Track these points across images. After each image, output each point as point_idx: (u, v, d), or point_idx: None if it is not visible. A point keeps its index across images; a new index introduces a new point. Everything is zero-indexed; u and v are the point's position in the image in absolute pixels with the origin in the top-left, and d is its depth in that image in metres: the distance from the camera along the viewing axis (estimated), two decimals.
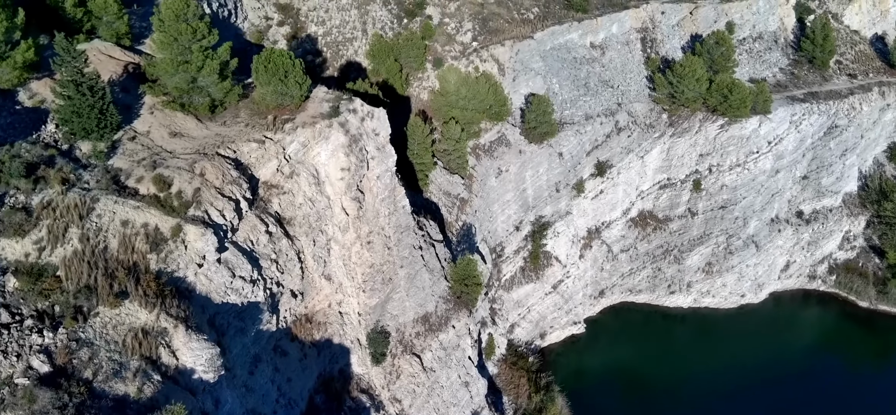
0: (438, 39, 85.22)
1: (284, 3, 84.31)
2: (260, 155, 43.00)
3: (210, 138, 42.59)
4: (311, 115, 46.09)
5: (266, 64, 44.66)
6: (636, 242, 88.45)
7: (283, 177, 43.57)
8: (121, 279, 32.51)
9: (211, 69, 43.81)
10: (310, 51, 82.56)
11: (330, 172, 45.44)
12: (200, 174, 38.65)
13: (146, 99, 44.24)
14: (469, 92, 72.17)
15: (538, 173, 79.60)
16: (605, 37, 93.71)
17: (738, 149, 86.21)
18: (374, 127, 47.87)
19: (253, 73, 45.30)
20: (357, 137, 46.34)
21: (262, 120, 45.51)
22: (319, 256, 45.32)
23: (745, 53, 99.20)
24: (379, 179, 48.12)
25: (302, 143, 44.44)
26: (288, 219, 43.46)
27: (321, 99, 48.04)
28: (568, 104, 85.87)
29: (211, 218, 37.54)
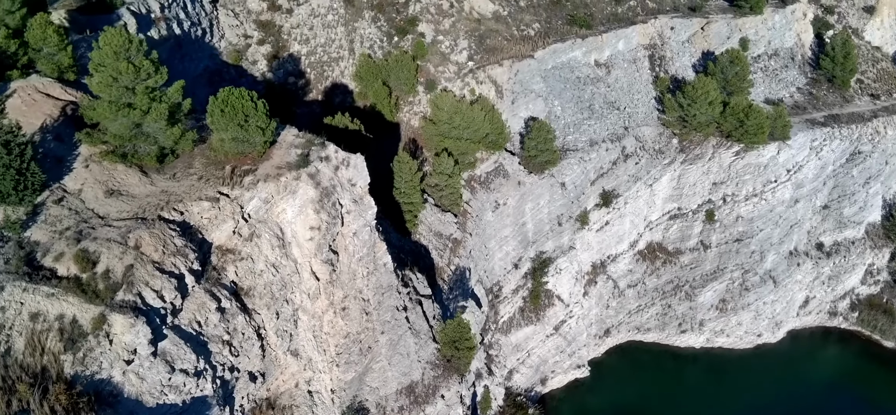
0: (431, 59, 78.97)
1: (265, 20, 78.10)
2: (213, 215, 36.76)
3: (154, 197, 36.35)
4: (277, 164, 39.84)
5: (222, 107, 38.42)
6: (644, 276, 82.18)
7: (240, 240, 37.35)
8: (22, 394, 26.31)
9: (158, 114, 37.57)
10: (292, 72, 76.42)
11: (297, 232, 39.20)
12: (135, 246, 32.39)
13: (82, 149, 38.02)
14: (463, 120, 65.92)
15: (539, 206, 73.37)
16: (611, 54, 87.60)
17: (754, 178, 79.92)
18: (349, 177, 41.63)
19: (208, 118, 39.07)
20: (329, 189, 40.09)
21: (218, 172, 39.25)
22: (284, 330, 39.09)
23: (760, 72, 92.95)
24: (356, 235, 41.89)
25: (264, 199, 38.21)
26: (246, 289, 37.23)
27: (289, 144, 41.78)
28: (571, 129, 79.65)
29: (145, 302, 31.30)
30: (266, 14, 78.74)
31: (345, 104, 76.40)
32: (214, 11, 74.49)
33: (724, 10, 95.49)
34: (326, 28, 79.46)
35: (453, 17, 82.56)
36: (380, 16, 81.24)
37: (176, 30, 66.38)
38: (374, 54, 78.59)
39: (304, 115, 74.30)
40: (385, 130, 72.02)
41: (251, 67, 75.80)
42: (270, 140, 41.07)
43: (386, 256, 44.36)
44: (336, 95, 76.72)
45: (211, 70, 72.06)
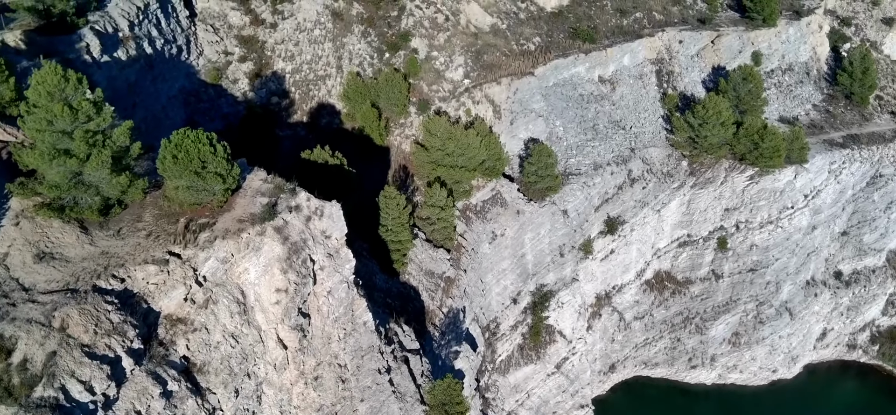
0: (425, 77, 73.99)
1: (247, 36, 73.18)
2: (161, 281, 31.77)
3: (91, 260, 31.36)
4: (239, 216, 34.84)
5: (175, 153, 33.40)
6: (652, 307, 77.14)
7: (193, 308, 32.35)
8: None
9: (100, 161, 32.58)
10: (275, 91, 71.52)
11: (261, 295, 34.22)
12: (61, 327, 27.41)
13: (13, 202, 33.05)
14: (458, 146, 60.93)
15: (539, 236, 68.32)
16: (616, 70, 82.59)
17: (770, 204, 74.85)
18: (323, 228, 36.64)
19: (158, 164, 34.07)
20: (299, 244, 35.10)
21: (171, 226, 34.25)
22: (245, 409, 34.10)
23: (774, 87, 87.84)
24: (331, 294, 36.91)
25: (222, 259, 33.22)
26: (199, 365, 32.23)
27: (255, 191, 36.78)
28: (574, 151, 74.62)
29: (69, 397, 26.32)
30: (248, 29, 73.86)
31: (331, 126, 71.52)
32: (192, 27, 69.57)
33: (736, 22, 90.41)
34: (313, 44, 74.57)
35: (449, 32, 77.60)
36: (370, 30, 76.33)
37: (147, 49, 61.42)
38: (363, 72, 73.68)
39: (287, 138, 69.43)
40: (373, 154, 67.08)
41: (231, 86, 70.91)
42: (233, 187, 36.05)
43: (366, 314, 39.36)
44: (322, 116, 71.84)
45: (187, 91, 67.15)
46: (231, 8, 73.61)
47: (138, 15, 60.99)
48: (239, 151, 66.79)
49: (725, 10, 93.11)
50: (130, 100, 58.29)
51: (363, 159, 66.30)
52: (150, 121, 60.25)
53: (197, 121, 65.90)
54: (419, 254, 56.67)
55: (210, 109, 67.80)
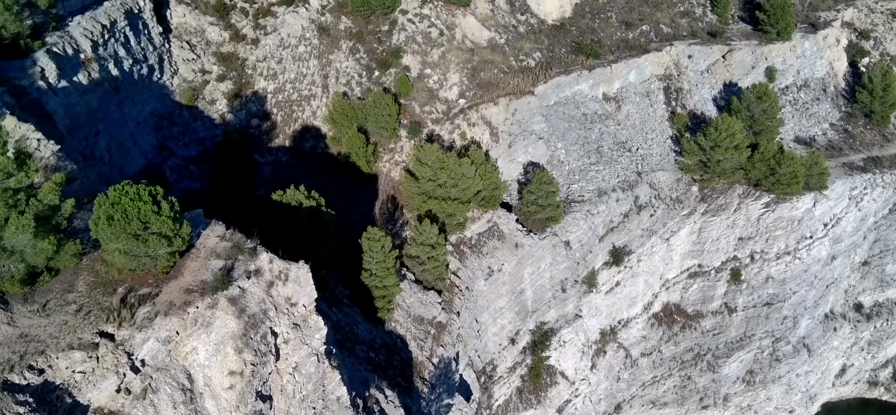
0: (417, 97, 69.06)
1: (227, 53, 68.27)
2: (90, 368, 26.84)
3: (6, 346, 26.40)
4: (187, 285, 29.87)
5: (110, 214, 28.39)
6: (661, 343, 72.13)
7: (129, 399, 27.39)
8: None
9: (21, 225, 27.65)
10: (256, 112, 66.56)
11: (212, 379, 29.24)
12: None
13: None
14: (451, 177, 55.96)
15: (539, 270, 63.33)
16: (621, 87, 77.72)
17: (787, 233, 69.81)
18: (288, 295, 31.66)
19: (91, 227, 29.05)
20: (259, 317, 30.14)
21: (106, 297, 29.28)
22: None
23: (789, 105, 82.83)
24: (297, 370, 31.93)
25: (165, 339, 28.26)
26: None
27: (209, 252, 31.80)
28: (576, 175, 69.63)
29: None
30: (228, 45, 68.98)
31: (316, 150, 66.57)
32: (165, 44, 64.70)
33: (748, 36, 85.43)
34: (297, 61, 69.67)
35: (443, 47, 72.67)
36: (359, 46, 71.39)
37: (113, 70, 56.53)
38: (350, 92, 68.75)
39: (267, 164, 64.50)
40: (360, 182, 62.08)
41: (208, 108, 65.98)
42: (182, 249, 31.05)
43: (340, 388, 34.36)
44: (306, 140, 66.89)
45: (159, 114, 62.21)
46: (209, 23, 68.76)
47: (104, 34, 56.09)
48: (215, 178, 62.38)
49: (736, 22, 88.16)
50: (92, 127, 53.41)
51: (349, 188, 61.43)
52: (115, 149, 55.40)
53: (169, 147, 61.00)
54: (407, 298, 51.67)
55: (184, 133, 62.86)
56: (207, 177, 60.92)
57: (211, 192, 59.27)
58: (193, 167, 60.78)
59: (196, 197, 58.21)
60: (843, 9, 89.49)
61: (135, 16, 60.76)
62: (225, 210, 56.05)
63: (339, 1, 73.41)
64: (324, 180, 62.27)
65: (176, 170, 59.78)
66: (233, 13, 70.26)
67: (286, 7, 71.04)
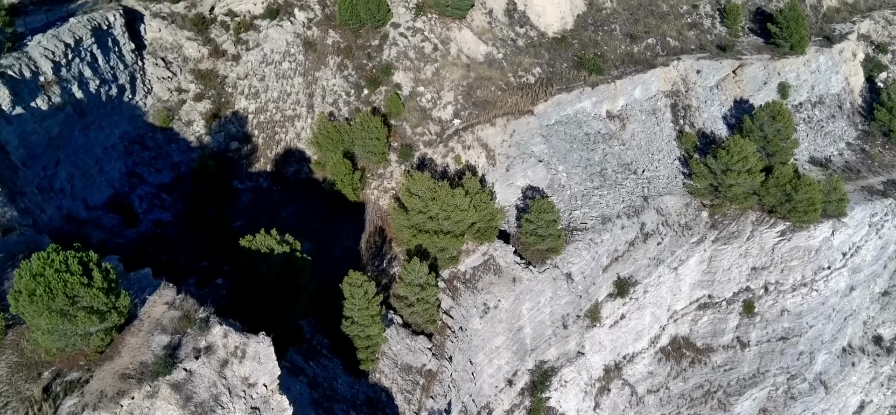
0: (408, 117, 64.66)
1: (205, 70, 63.97)
2: None
3: None
4: (123, 369, 25.50)
5: (32, 288, 24.00)
6: (668, 379, 67.68)
7: None
8: None
9: None
10: (235, 135, 62.23)
11: None
12: None
13: None
14: (443, 208, 51.53)
15: (539, 305, 58.92)
16: (626, 104, 73.45)
17: (804, 264, 65.39)
18: (246, 375, 27.28)
19: (11, 302, 24.68)
20: (208, 405, 25.77)
21: (29, 384, 24.89)
22: None
23: (803, 123, 78.47)
24: None
25: None
26: None
27: (154, 324, 27.41)
28: (578, 201, 65.23)
29: None
30: (207, 62, 64.67)
31: (300, 175, 62.20)
32: (139, 62, 60.39)
33: (759, 49, 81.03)
34: (281, 79, 65.30)
35: (437, 63, 68.33)
36: (347, 62, 67.02)
37: (77, 93, 52.20)
38: (337, 112, 64.37)
39: (247, 190, 60.12)
40: (346, 212, 57.68)
41: (184, 130, 61.64)
42: (120, 323, 26.65)
43: None
44: (289, 164, 62.55)
45: (130, 137, 57.90)
46: (187, 38, 64.41)
47: (67, 53, 51.78)
48: (189, 206, 57.99)
49: (747, 34, 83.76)
50: (51, 157, 49.05)
51: (333, 219, 57.06)
52: (78, 179, 51.05)
53: (139, 173, 56.63)
54: (394, 344, 47.25)
55: (156, 157, 58.49)
56: (180, 205, 56.57)
57: (183, 222, 54.96)
58: (165, 195, 56.42)
59: (167, 229, 53.89)
60: (859, 21, 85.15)
61: (104, 32, 56.48)
62: (195, 246, 51.97)
63: (327, 13, 69.08)
64: (306, 209, 58.07)
65: (146, 199, 55.40)
66: (212, 27, 65.93)
67: (270, 20, 66.73)
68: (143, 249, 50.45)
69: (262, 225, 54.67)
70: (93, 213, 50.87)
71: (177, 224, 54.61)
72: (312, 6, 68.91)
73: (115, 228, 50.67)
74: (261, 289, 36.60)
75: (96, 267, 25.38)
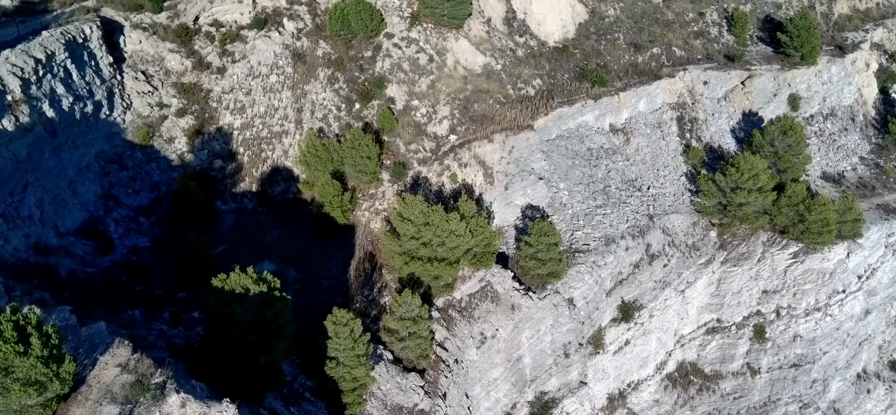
0: (402, 133, 61.56)
1: (188, 84, 60.95)
2: None
3: None
4: None
5: None
6: (675, 408, 64.51)
7: None
8: None
9: None
10: (220, 152, 59.19)
11: None
12: None
13: None
14: (436, 234, 48.41)
15: (539, 334, 55.78)
16: (631, 117, 70.42)
17: (817, 287, 62.24)
18: None
19: None
20: None
21: None
22: None
23: (814, 137, 75.30)
24: None
25: None
26: None
27: (103, 391, 24.33)
28: (581, 220, 62.11)
29: None
30: (190, 75, 61.59)
31: (287, 195, 59.11)
32: (117, 76, 57.33)
33: (768, 59, 77.84)
34: (268, 93, 62.24)
35: (433, 75, 65.21)
36: (338, 75, 63.90)
37: (47, 111, 49.18)
38: (327, 127, 61.26)
39: (231, 212, 57.01)
40: (334, 235, 54.53)
41: (166, 147, 58.59)
42: (64, 391, 23.52)
43: None
44: (276, 183, 59.43)
45: (107, 157, 54.82)
46: (169, 50, 61.37)
47: (38, 70, 48.77)
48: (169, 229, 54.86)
49: (756, 43, 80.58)
50: (19, 181, 46.04)
51: (321, 244, 53.96)
52: (48, 204, 47.96)
53: (115, 195, 53.53)
54: (383, 383, 44.09)
55: (135, 178, 55.42)
56: (159, 229, 53.49)
57: (162, 248, 51.88)
58: (143, 219, 53.31)
59: (144, 256, 50.80)
60: (872, 29, 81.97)
61: (79, 45, 53.43)
62: (173, 274, 48.87)
63: (318, 23, 66.00)
64: (293, 233, 54.99)
65: (122, 223, 52.28)
66: (196, 38, 62.87)
67: (257, 31, 63.68)
68: (116, 279, 47.48)
69: (245, 250, 52.56)
70: (64, 240, 47.77)
71: (154, 250, 51.54)
72: (302, 16, 65.86)
73: (87, 257, 47.59)
74: (235, 334, 33.45)
75: (35, 332, 22.26)
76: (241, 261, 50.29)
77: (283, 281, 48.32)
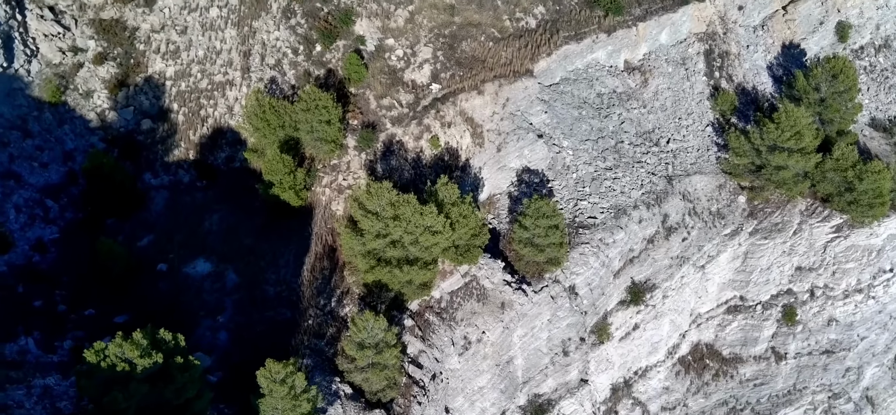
0: (373, 84, 50.73)
1: (109, 20, 50.02)
2: None
3: None
4: None
5: None
6: (687, 396, 56.84)
7: None
8: None
9: None
10: (148, 111, 48.71)
11: None
12: None
13: None
14: (409, 231, 38.83)
15: (534, 331, 47.15)
16: (650, 52, 59.78)
17: (861, 267, 53.11)
18: None
19: None
20: None
21: None
22: None
23: (864, 73, 64.21)
24: None
25: None
26: None
27: None
28: (587, 187, 52.32)
29: None
30: (111, 8, 50.27)
31: (232, 163, 48.98)
32: (17, 16, 46.09)
33: None
34: (208, 31, 51.04)
35: (412, 5, 53.80)
36: (295, 6, 52.40)
37: None
38: (281, 76, 50.42)
39: (163, 188, 46.95)
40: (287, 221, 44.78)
41: (81, 104, 48.06)
42: None
43: None
44: (219, 149, 49.17)
45: (5, 121, 44.47)
46: None
47: None
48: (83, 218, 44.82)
49: None
50: None
51: (269, 233, 44.33)
52: None
53: (16, 172, 43.54)
54: None
55: (42, 147, 45.21)
56: (72, 214, 43.77)
57: (74, 239, 42.40)
58: (50, 203, 43.48)
59: (50, 254, 41.38)
60: None
61: None
62: (84, 280, 39.68)
63: None
64: (237, 216, 45.25)
65: (24, 209, 42.55)
66: None
67: None
68: (11, 289, 38.36)
69: (176, 242, 43.04)
70: None
71: (64, 244, 42.04)
72: None
73: None
74: None
75: None
76: (168, 258, 41.48)
77: (221, 286, 39.53)
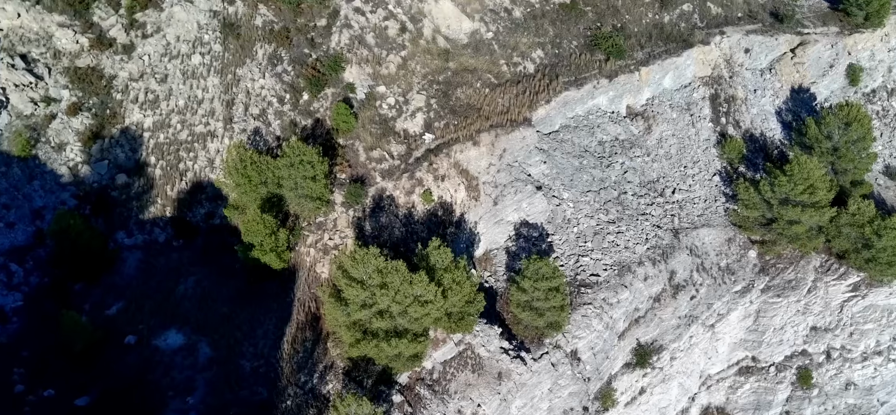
0: (362, 134, 48.03)
1: (85, 68, 47.38)
2: None
3: None
4: None
5: None
6: None
7: None
8: None
9: None
10: (124, 164, 45.98)
11: None
12: None
13: None
14: (397, 301, 35.83)
15: (534, 401, 43.90)
16: (653, 97, 57.40)
17: (880, 328, 50.03)
18: None
19: None
20: None
21: None
22: None
23: (876, 119, 61.59)
24: None
25: None
26: None
27: None
28: (589, 242, 49.38)
29: None
30: (87, 56, 47.70)
31: (212, 220, 46.09)
32: None
33: (824, 19, 63.16)
34: (189, 79, 48.42)
35: (404, 51, 51.29)
36: (281, 53, 49.84)
37: None
38: (266, 127, 47.74)
39: (136, 248, 43.98)
40: (269, 285, 41.78)
41: (53, 159, 45.30)
42: None
43: None
44: (198, 205, 46.31)
45: None
46: (59, 24, 47.21)
47: None
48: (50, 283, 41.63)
49: None
50: None
51: (248, 299, 41.31)
52: None
53: None
54: None
55: (9, 205, 42.46)
56: (37, 278, 40.81)
57: (40, 306, 39.40)
58: (14, 267, 40.54)
59: (13, 324, 38.35)
60: None
61: None
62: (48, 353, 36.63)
63: None
64: (214, 279, 42.24)
65: None
66: (96, 6, 48.38)
67: None
68: None
69: (147, 310, 40.05)
70: None
71: (30, 311, 39.05)
72: None
73: None
74: None
75: None
76: (138, 328, 38.52)
77: (193, 361, 36.44)
